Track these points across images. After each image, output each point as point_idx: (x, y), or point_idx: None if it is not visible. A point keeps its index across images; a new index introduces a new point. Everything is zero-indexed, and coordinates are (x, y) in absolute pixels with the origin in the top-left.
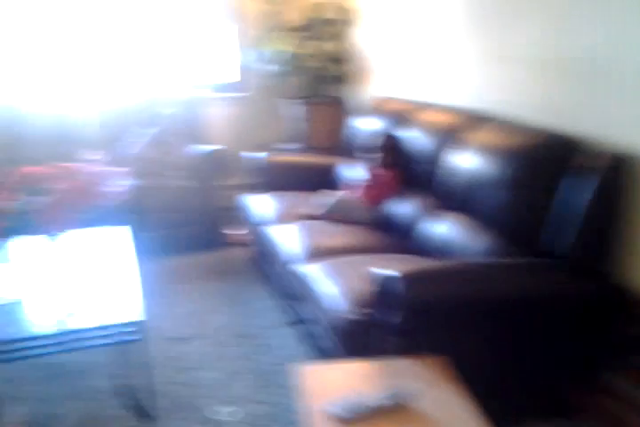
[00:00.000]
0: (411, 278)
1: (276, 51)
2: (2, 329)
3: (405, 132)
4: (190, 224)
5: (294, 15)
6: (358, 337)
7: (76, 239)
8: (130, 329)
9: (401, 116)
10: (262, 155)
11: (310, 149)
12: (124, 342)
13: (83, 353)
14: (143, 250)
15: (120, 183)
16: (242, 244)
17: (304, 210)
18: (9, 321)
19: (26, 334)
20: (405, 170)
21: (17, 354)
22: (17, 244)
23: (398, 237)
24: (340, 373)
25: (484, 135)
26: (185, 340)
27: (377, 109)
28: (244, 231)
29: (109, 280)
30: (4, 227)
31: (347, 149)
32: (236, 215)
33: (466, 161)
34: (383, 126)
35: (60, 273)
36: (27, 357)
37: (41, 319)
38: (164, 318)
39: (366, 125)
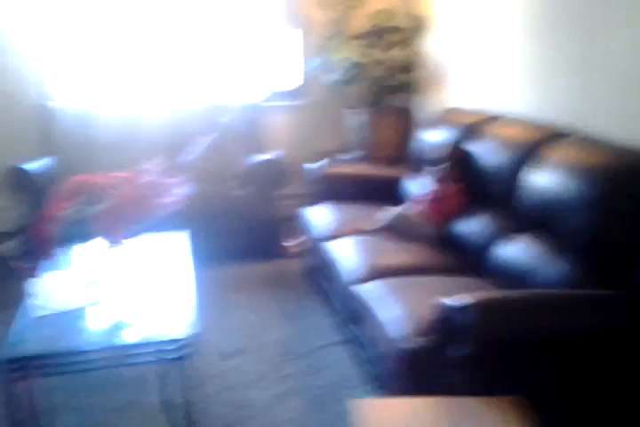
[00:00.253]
0: (483, 307)
1: (340, 58)
2: (52, 341)
3: (476, 145)
4: (247, 233)
5: (360, 22)
6: (417, 368)
7: (133, 246)
8: (178, 346)
9: (472, 128)
10: (321, 165)
11: (372, 159)
12: (171, 360)
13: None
14: (198, 257)
15: (176, 193)
16: (298, 255)
17: (363, 224)
18: (61, 331)
19: (75, 348)
20: (474, 185)
21: (64, 368)
22: (75, 251)
23: (464, 258)
24: (402, 410)
25: (567, 151)
26: (232, 355)
27: (445, 120)
28: (300, 243)
29: (165, 290)
30: (59, 234)
31: (411, 162)
32: (293, 226)
33: (545, 179)
34: (452, 138)
35: (117, 281)
36: (73, 371)
37: (93, 331)
38: (213, 329)
39: (433, 137)
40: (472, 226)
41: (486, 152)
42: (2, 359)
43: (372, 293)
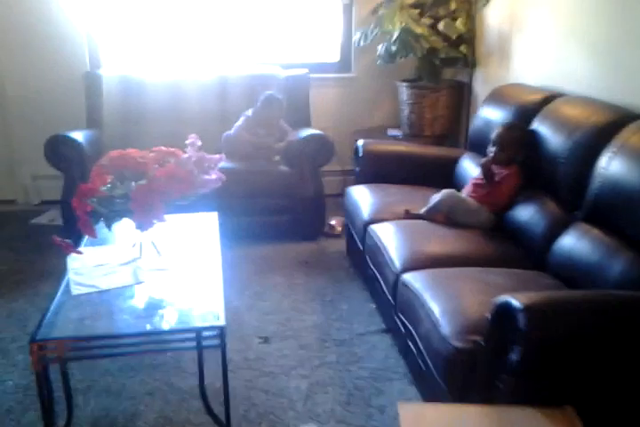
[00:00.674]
0: (535, 310)
1: (393, 28)
2: (88, 323)
3: (539, 124)
4: (289, 211)
5: None
6: (463, 368)
7: (168, 225)
8: (219, 333)
9: (534, 105)
10: (365, 142)
11: (419, 136)
12: (202, 347)
13: None
14: (233, 236)
15: (217, 171)
16: (337, 236)
17: (414, 207)
18: (98, 312)
19: (111, 332)
20: (535, 169)
21: (99, 352)
22: (115, 227)
23: (522, 249)
24: (449, 417)
25: None
26: (267, 340)
27: (506, 97)
28: (340, 223)
29: (200, 272)
30: (99, 210)
31: (462, 140)
32: (333, 205)
33: (622, 166)
34: (510, 117)
35: (154, 260)
36: (108, 355)
37: (130, 313)
38: (246, 311)
39: (492, 115)
40: (532, 213)
41: (551, 133)
42: (37, 340)
43: (424, 283)
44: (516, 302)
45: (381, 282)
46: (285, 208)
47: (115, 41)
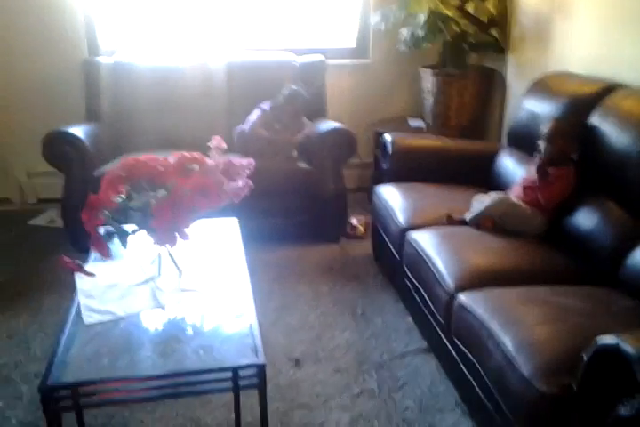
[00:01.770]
0: None
1: (417, 9)
2: (105, 361)
3: (597, 120)
4: (303, 212)
5: None
6: (549, 417)
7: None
8: (257, 371)
9: (587, 98)
10: (394, 137)
11: (443, 127)
12: (240, 388)
13: None
14: (250, 239)
15: (244, 177)
16: (360, 237)
17: (449, 210)
18: (116, 347)
19: (132, 374)
20: (588, 169)
21: (119, 397)
22: (129, 242)
23: (582, 260)
24: None
25: None
26: (298, 362)
27: (550, 87)
28: (363, 222)
29: (220, 295)
30: (111, 223)
31: (493, 132)
32: (351, 201)
33: None
34: (562, 110)
35: (173, 279)
36: (130, 400)
37: (153, 347)
38: (271, 328)
39: (534, 107)
40: (595, 221)
41: (616, 130)
42: (48, 386)
43: (487, 307)
44: (629, 349)
45: (427, 298)
46: (305, 208)
47: (115, 26)
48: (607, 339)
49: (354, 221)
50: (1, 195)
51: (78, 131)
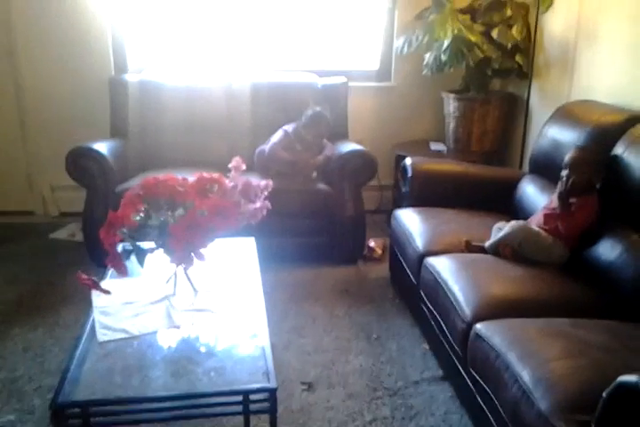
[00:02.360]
0: None
1: (440, 35)
2: (118, 381)
3: (623, 150)
4: (321, 233)
5: None
6: None
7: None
8: (269, 396)
9: (612, 127)
10: (414, 161)
11: (465, 152)
12: (250, 413)
13: None
14: (266, 259)
15: (262, 199)
16: (377, 259)
17: (468, 236)
18: (129, 367)
19: (144, 395)
20: (612, 199)
21: (131, 417)
22: (146, 260)
23: (603, 292)
24: None
25: None
26: (310, 386)
27: (574, 115)
28: (380, 245)
29: (234, 316)
30: (129, 241)
31: (515, 158)
32: (370, 223)
33: None
34: (585, 138)
35: (189, 298)
36: (141, 421)
37: (167, 368)
38: (285, 350)
39: (557, 135)
40: (618, 253)
41: (638, 161)
42: (58, 404)
43: (505, 339)
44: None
45: (443, 326)
46: (323, 229)
47: (142, 46)
48: (628, 377)
49: (372, 243)
50: (25, 207)
51: (102, 147)
